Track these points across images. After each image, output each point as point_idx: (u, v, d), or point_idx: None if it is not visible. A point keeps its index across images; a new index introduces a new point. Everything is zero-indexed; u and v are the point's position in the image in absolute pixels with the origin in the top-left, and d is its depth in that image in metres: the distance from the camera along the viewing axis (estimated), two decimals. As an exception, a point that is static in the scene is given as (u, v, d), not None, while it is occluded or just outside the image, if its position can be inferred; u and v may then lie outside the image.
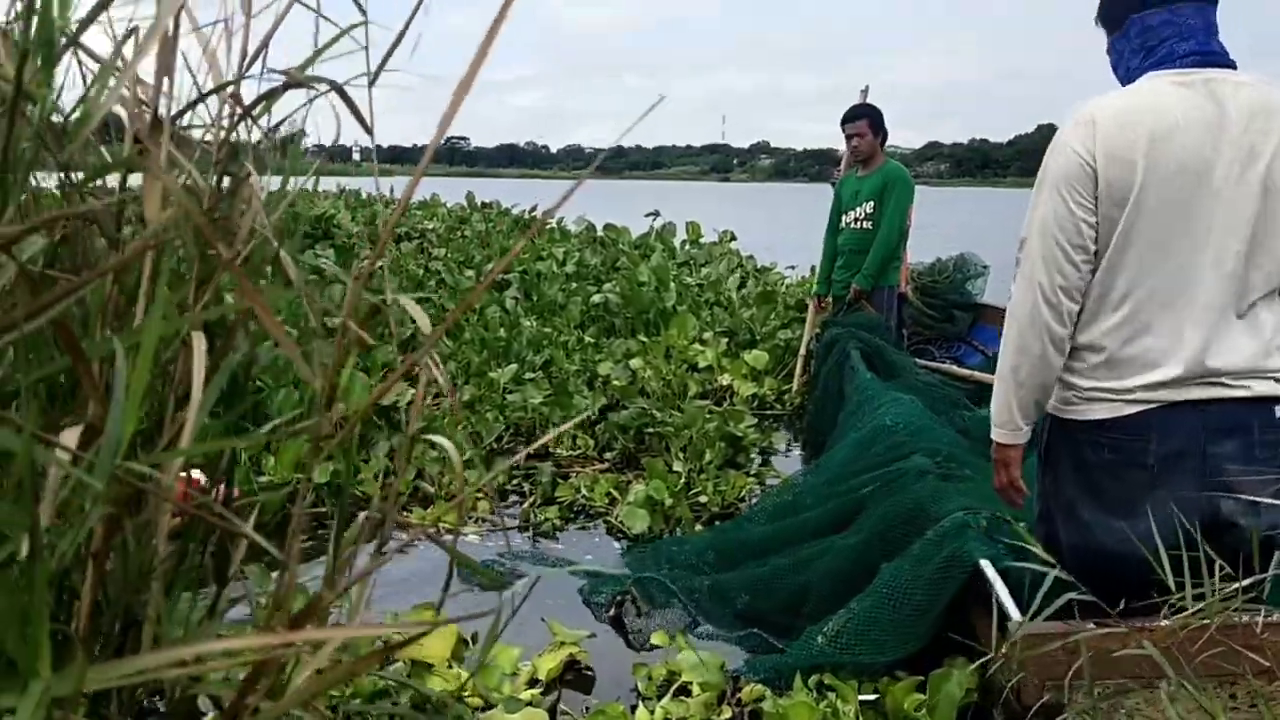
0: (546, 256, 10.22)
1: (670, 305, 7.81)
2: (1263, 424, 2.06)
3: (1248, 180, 1.98)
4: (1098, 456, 2.14)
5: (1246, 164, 1.97)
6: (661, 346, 6.45)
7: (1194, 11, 2.05)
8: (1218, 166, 1.98)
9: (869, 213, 5.72)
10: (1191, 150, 1.98)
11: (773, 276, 9.94)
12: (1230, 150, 1.97)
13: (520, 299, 8.50)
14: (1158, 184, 1.99)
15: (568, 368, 6.13)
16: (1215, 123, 1.98)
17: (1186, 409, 2.06)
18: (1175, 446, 2.07)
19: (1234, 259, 2.01)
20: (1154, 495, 2.07)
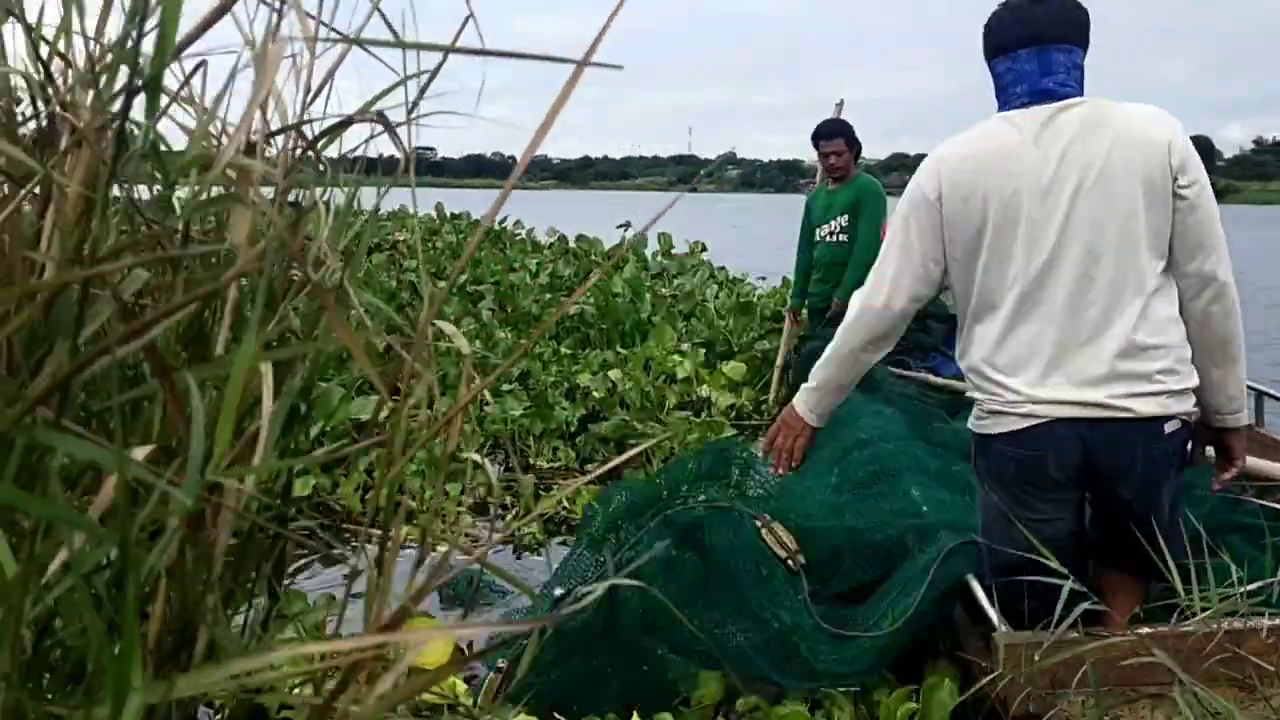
0: (520, 268, 10.24)
1: (646, 316, 7.85)
2: (1147, 439, 2.20)
3: (1087, 192, 2.16)
4: (1008, 469, 2.31)
5: (1083, 176, 2.16)
6: (640, 358, 6.48)
7: (1029, 56, 2.27)
8: (1054, 185, 2.18)
9: (844, 226, 5.77)
10: (1027, 176, 2.20)
11: (745, 288, 10.02)
12: (1056, 165, 2.18)
13: (495, 310, 8.50)
14: (1000, 212, 2.22)
15: (545, 379, 6.14)
16: (1044, 147, 2.20)
17: (1070, 425, 2.21)
18: (1068, 458, 2.24)
19: (1090, 263, 2.17)
20: (1062, 499, 2.29)
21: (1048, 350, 2.21)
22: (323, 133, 0.82)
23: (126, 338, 0.60)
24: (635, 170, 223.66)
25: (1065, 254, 2.18)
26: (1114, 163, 2.14)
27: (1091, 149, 2.16)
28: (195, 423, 0.64)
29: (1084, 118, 2.20)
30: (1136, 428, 2.19)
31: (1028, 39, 2.26)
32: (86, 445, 0.67)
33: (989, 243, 2.24)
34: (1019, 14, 2.29)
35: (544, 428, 5.43)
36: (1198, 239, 2.16)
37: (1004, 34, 2.31)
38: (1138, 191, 2.14)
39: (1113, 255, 2.16)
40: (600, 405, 5.80)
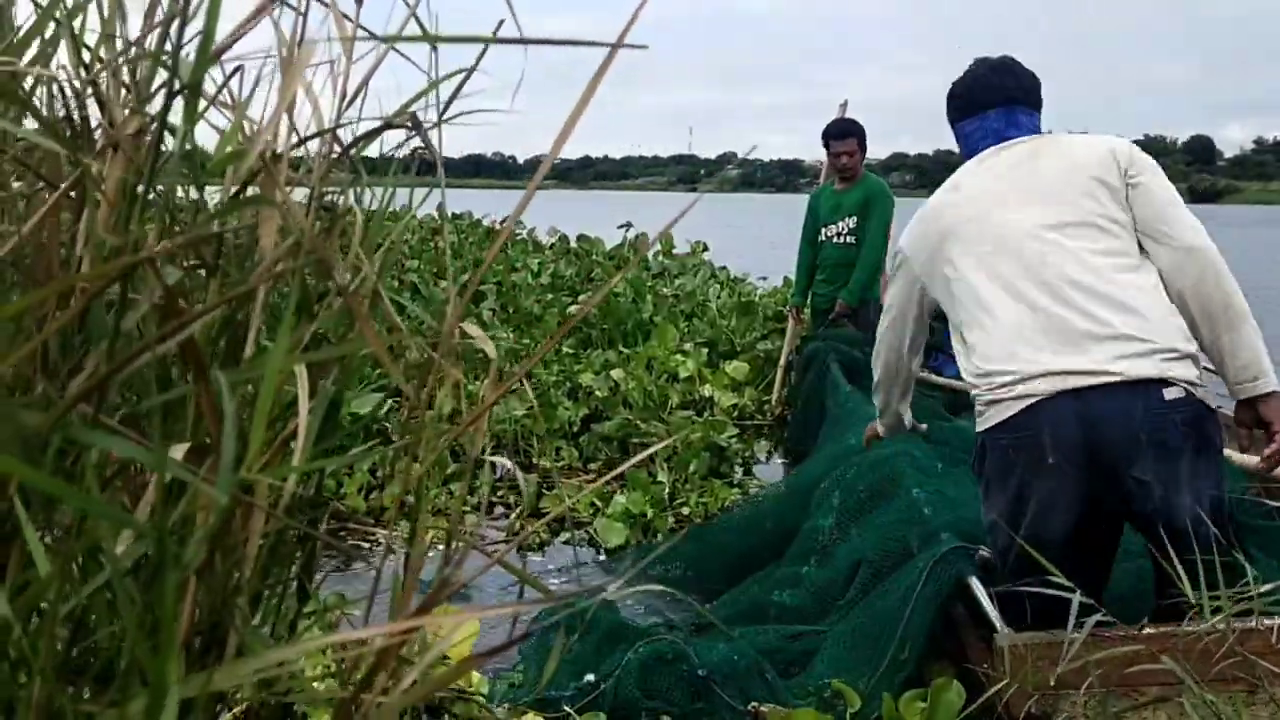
0: (521, 268, 10.25)
1: (648, 316, 7.87)
2: (1146, 407, 2.16)
3: (1037, 194, 2.36)
4: (1008, 459, 2.30)
5: (1031, 182, 2.38)
6: (643, 358, 6.50)
7: (997, 116, 2.54)
8: (999, 196, 2.40)
9: (851, 227, 5.76)
10: (978, 201, 2.44)
11: (746, 287, 10.03)
12: (1009, 183, 2.41)
13: (497, 310, 8.52)
14: (962, 236, 2.42)
15: (547, 379, 6.16)
16: (996, 173, 2.46)
17: (1067, 398, 2.19)
18: (1065, 437, 2.20)
19: (1055, 255, 2.28)
20: (1063, 485, 2.23)
21: (1030, 334, 2.26)
22: (358, 138, 0.83)
23: (164, 337, 0.61)
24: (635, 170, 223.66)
25: (1029, 251, 2.31)
26: (1061, 167, 2.37)
27: (1041, 162, 2.41)
28: (228, 421, 0.66)
29: (1033, 144, 2.46)
30: (1131, 392, 2.16)
31: (1000, 100, 2.53)
32: (125, 443, 0.68)
33: (957, 264, 2.42)
34: (988, 80, 2.58)
35: (547, 427, 5.44)
36: (1160, 218, 2.28)
37: (974, 97, 2.58)
38: (1087, 186, 2.31)
39: (1077, 244, 2.27)
40: (603, 405, 5.82)
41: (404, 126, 0.81)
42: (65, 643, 0.87)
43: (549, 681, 2.59)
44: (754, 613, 3.16)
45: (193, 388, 0.68)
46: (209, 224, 0.74)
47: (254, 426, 0.65)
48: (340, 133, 0.83)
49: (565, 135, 0.75)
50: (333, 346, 0.77)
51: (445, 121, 0.81)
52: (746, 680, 2.52)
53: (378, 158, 0.91)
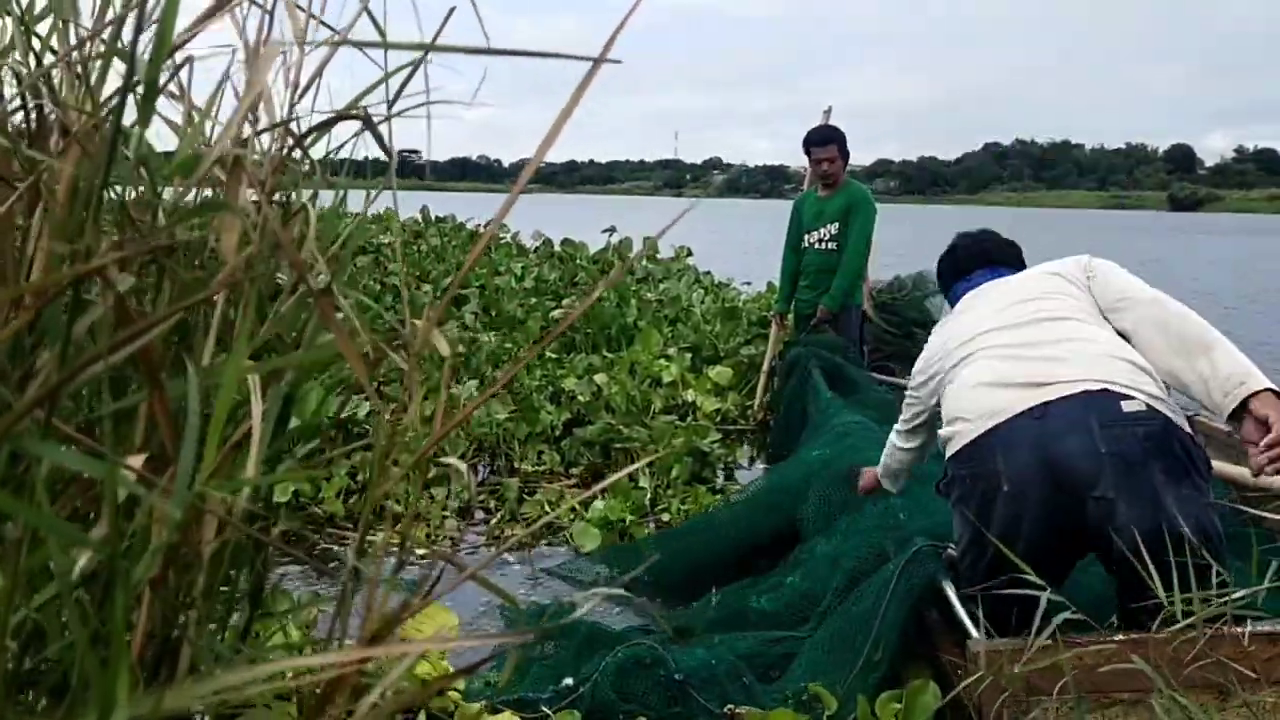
0: (505, 271, 10.21)
1: (632, 321, 7.85)
2: (1102, 419, 2.11)
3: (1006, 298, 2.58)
4: (965, 488, 2.35)
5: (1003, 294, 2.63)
6: (626, 362, 6.48)
7: (981, 274, 2.82)
8: (978, 312, 2.62)
9: (834, 234, 5.76)
10: (965, 316, 2.66)
11: (729, 293, 10.03)
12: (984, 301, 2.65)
13: (479, 314, 8.48)
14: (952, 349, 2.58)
15: (530, 383, 6.13)
16: (974, 301, 2.70)
17: (1025, 420, 2.20)
18: (1020, 459, 2.17)
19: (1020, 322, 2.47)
20: (1016, 511, 2.20)
21: (990, 381, 2.36)
22: (309, 130, 0.81)
23: (117, 346, 0.59)
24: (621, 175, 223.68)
25: (995, 326, 2.50)
26: (1027, 277, 2.66)
27: (1014, 282, 2.67)
28: (188, 435, 0.64)
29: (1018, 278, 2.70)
30: (1084, 403, 2.14)
31: (983, 262, 2.85)
32: (77, 456, 0.66)
33: (945, 374, 2.57)
34: (972, 248, 2.92)
35: (529, 431, 5.42)
36: (1119, 291, 2.46)
37: (958, 265, 2.90)
38: (1048, 284, 2.55)
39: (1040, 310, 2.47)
40: (585, 409, 5.80)
41: (355, 118, 0.79)
42: (16, 656, 0.84)
43: (525, 684, 2.59)
44: (733, 619, 3.16)
45: (147, 396, 0.66)
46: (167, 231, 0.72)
47: (210, 441, 0.63)
48: (293, 127, 0.81)
49: (548, 144, 0.73)
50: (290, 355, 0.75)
51: (396, 115, 0.80)
52: (725, 684, 2.53)
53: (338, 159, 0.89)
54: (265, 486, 0.89)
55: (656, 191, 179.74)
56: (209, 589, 0.87)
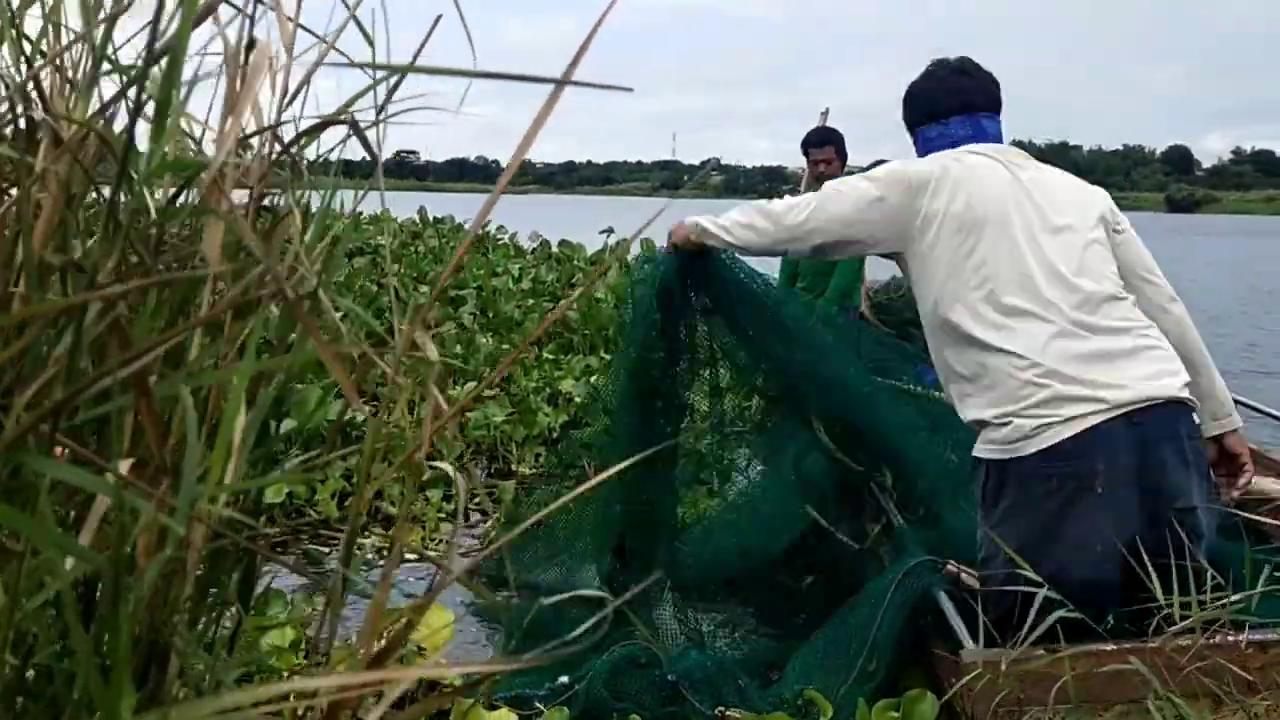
0: (502, 273, 10.21)
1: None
2: (1189, 429, 2.18)
3: (1053, 204, 2.29)
4: (1045, 489, 2.13)
5: (1047, 190, 2.32)
6: (622, 364, 6.47)
7: (961, 123, 2.45)
8: (1009, 193, 2.28)
9: None
10: (983, 182, 2.30)
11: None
12: (1013, 178, 2.32)
13: (477, 315, 8.47)
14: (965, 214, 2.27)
15: (527, 385, 6.12)
16: (1010, 173, 2.33)
17: (1121, 423, 2.08)
18: (1120, 465, 2.09)
19: (1076, 264, 2.23)
20: (1098, 521, 2.09)
21: (1068, 351, 2.13)
22: (297, 136, 0.81)
23: (123, 364, 0.59)
24: (619, 175, 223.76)
25: (1052, 257, 2.22)
26: (1069, 188, 2.37)
27: (1046, 175, 2.37)
28: (190, 452, 0.63)
29: (1012, 155, 2.39)
30: (1174, 414, 2.14)
31: (960, 107, 2.45)
32: (81, 473, 0.66)
33: (974, 239, 2.24)
34: (948, 84, 2.49)
35: (526, 434, 5.41)
36: (1145, 263, 2.36)
37: (934, 103, 2.48)
38: (1087, 213, 2.31)
39: (1087, 261, 2.24)
40: (583, 411, 5.78)
41: (341, 123, 0.78)
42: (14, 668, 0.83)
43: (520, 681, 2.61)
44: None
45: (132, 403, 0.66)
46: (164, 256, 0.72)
47: (216, 454, 0.62)
48: (281, 133, 0.81)
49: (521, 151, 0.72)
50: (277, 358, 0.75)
51: (383, 120, 0.79)
52: (719, 685, 2.53)
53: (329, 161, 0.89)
54: (253, 491, 0.88)
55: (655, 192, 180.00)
56: (196, 595, 0.86)
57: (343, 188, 0.95)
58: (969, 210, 2.25)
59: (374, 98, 0.84)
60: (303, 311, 0.65)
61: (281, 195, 0.84)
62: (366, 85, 0.77)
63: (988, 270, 2.21)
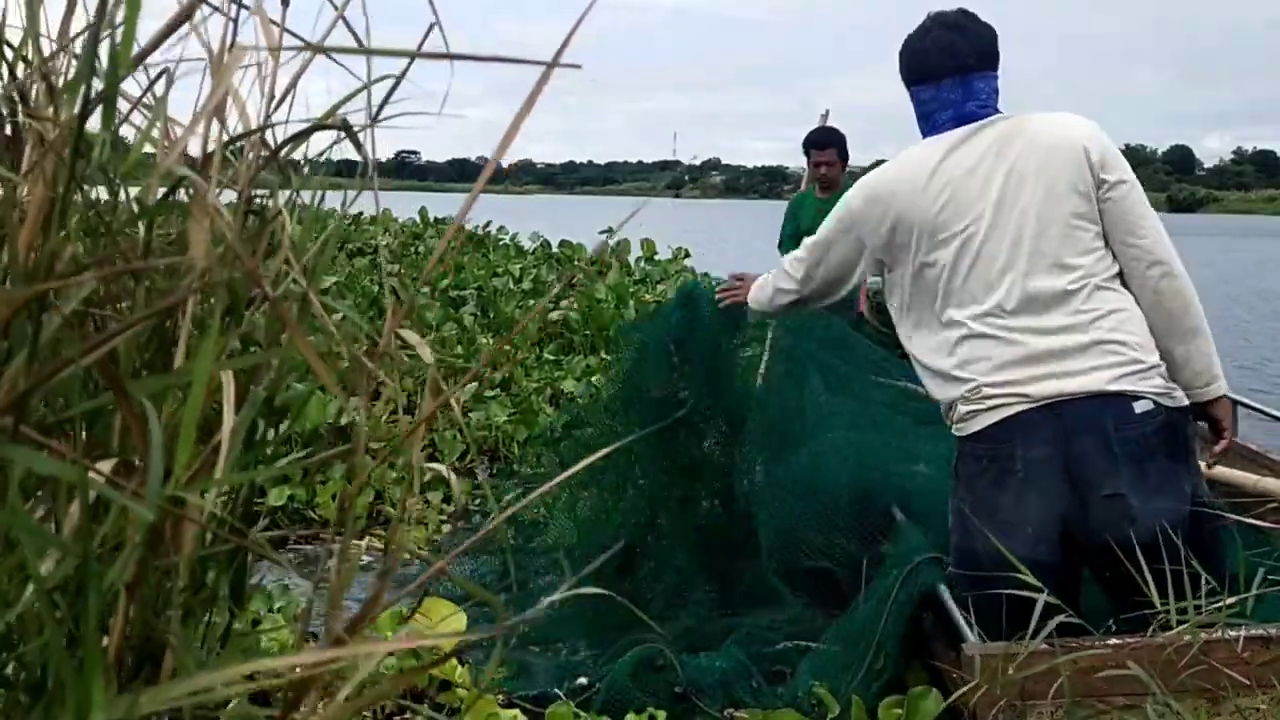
0: (503, 273, 10.22)
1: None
2: (1118, 421, 2.17)
3: (1005, 192, 2.27)
4: (978, 468, 2.31)
5: (999, 180, 2.28)
6: (622, 364, 6.47)
7: (953, 86, 2.40)
8: (981, 187, 2.28)
9: None
10: (955, 184, 2.31)
11: (728, 294, 10.02)
12: (983, 178, 2.29)
13: (478, 315, 8.48)
14: (928, 229, 2.32)
15: (528, 385, 6.12)
16: (968, 161, 2.32)
17: (1042, 412, 2.19)
18: (1038, 451, 2.20)
19: (1023, 261, 2.24)
20: (1026, 501, 2.21)
21: (1007, 346, 2.24)
22: (286, 140, 0.81)
23: (85, 352, 0.59)
24: (620, 175, 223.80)
25: (1002, 255, 2.25)
26: (1038, 167, 2.26)
27: (1014, 154, 2.28)
28: (153, 437, 0.63)
29: (1000, 131, 2.33)
30: (1101, 405, 2.17)
31: (953, 69, 2.40)
32: (47, 460, 0.66)
33: (920, 259, 2.34)
34: (940, 44, 2.42)
35: (528, 434, 5.41)
36: (1129, 223, 2.26)
37: (927, 64, 2.44)
38: (1064, 190, 2.24)
39: (1044, 251, 2.23)
40: (585, 411, 5.78)
41: (333, 128, 0.79)
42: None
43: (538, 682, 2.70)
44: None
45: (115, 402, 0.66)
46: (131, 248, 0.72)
47: (182, 440, 0.63)
48: (270, 135, 0.81)
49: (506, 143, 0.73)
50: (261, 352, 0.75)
51: (376, 124, 0.79)
52: (732, 685, 2.57)
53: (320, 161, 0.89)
54: (245, 489, 0.89)
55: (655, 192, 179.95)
56: (187, 592, 0.86)
57: (337, 188, 0.95)
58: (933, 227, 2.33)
59: (368, 98, 0.85)
60: (284, 308, 0.65)
61: (270, 197, 0.84)
62: (357, 88, 0.77)
63: (937, 285, 2.33)
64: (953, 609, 2.31)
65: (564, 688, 2.64)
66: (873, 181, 2.49)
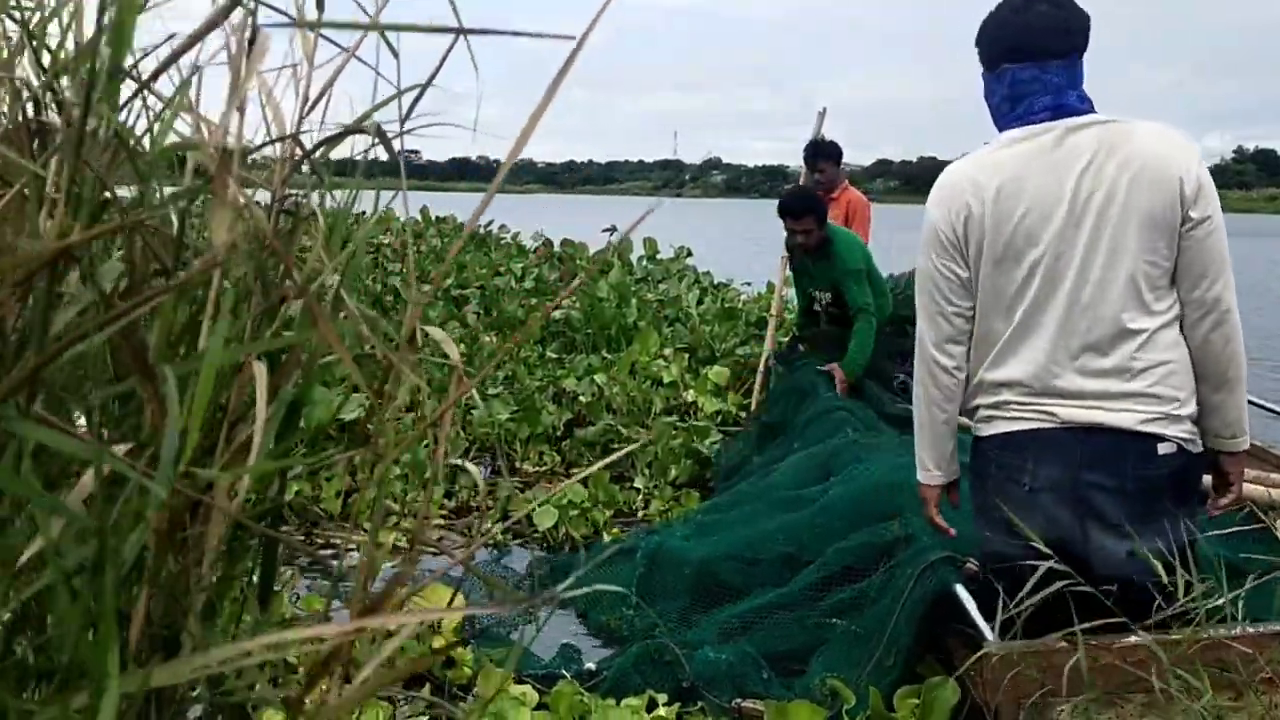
0: (505, 272, 10.23)
1: (632, 321, 7.87)
2: (1139, 460, 2.14)
3: (1093, 214, 2.13)
4: (988, 470, 2.31)
5: (1091, 199, 2.13)
6: (626, 362, 6.50)
7: (1059, 69, 2.18)
8: (1060, 207, 2.14)
9: (829, 301, 5.33)
10: (1034, 197, 2.15)
11: (729, 293, 10.05)
12: (1073, 190, 2.13)
13: (480, 314, 8.49)
14: (1004, 233, 2.18)
15: (531, 383, 6.15)
16: (1060, 169, 2.14)
17: (1066, 434, 2.17)
18: (1051, 471, 2.19)
19: (1092, 290, 2.14)
20: (1027, 514, 2.13)
21: (1043, 369, 2.19)
22: (319, 143, 0.83)
23: (102, 325, 0.61)
24: (621, 175, 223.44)
25: (1069, 279, 2.15)
26: (1127, 193, 2.10)
27: (1106, 174, 2.11)
28: (170, 414, 0.65)
29: (1100, 139, 2.13)
30: (1128, 442, 2.14)
31: (1064, 50, 2.18)
32: (63, 437, 0.67)
33: (996, 263, 2.21)
34: (1049, 20, 2.17)
35: (530, 432, 5.43)
36: (1203, 267, 2.12)
37: (1031, 40, 2.18)
38: (1148, 223, 2.09)
39: (1115, 284, 2.13)
40: (586, 410, 5.81)
41: (366, 132, 0.81)
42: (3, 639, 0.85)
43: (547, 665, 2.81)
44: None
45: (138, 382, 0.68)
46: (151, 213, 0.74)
47: (192, 418, 0.64)
48: (303, 137, 0.83)
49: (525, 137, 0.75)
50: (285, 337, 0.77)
51: (407, 132, 0.81)
52: (741, 678, 2.61)
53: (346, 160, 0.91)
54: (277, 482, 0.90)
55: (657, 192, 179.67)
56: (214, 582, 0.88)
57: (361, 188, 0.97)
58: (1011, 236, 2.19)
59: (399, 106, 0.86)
60: (314, 303, 0.67)
61: (303, 197, 0.86)
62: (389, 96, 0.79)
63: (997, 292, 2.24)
64: (970, 608, 2.32)
65: (572, 671, 2.74)
66: (954, 180, 2.28)
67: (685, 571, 3.33)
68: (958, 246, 2.24)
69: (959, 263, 2.26)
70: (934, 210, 2.28)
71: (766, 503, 3.85)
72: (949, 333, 2.30)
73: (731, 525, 3.72)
